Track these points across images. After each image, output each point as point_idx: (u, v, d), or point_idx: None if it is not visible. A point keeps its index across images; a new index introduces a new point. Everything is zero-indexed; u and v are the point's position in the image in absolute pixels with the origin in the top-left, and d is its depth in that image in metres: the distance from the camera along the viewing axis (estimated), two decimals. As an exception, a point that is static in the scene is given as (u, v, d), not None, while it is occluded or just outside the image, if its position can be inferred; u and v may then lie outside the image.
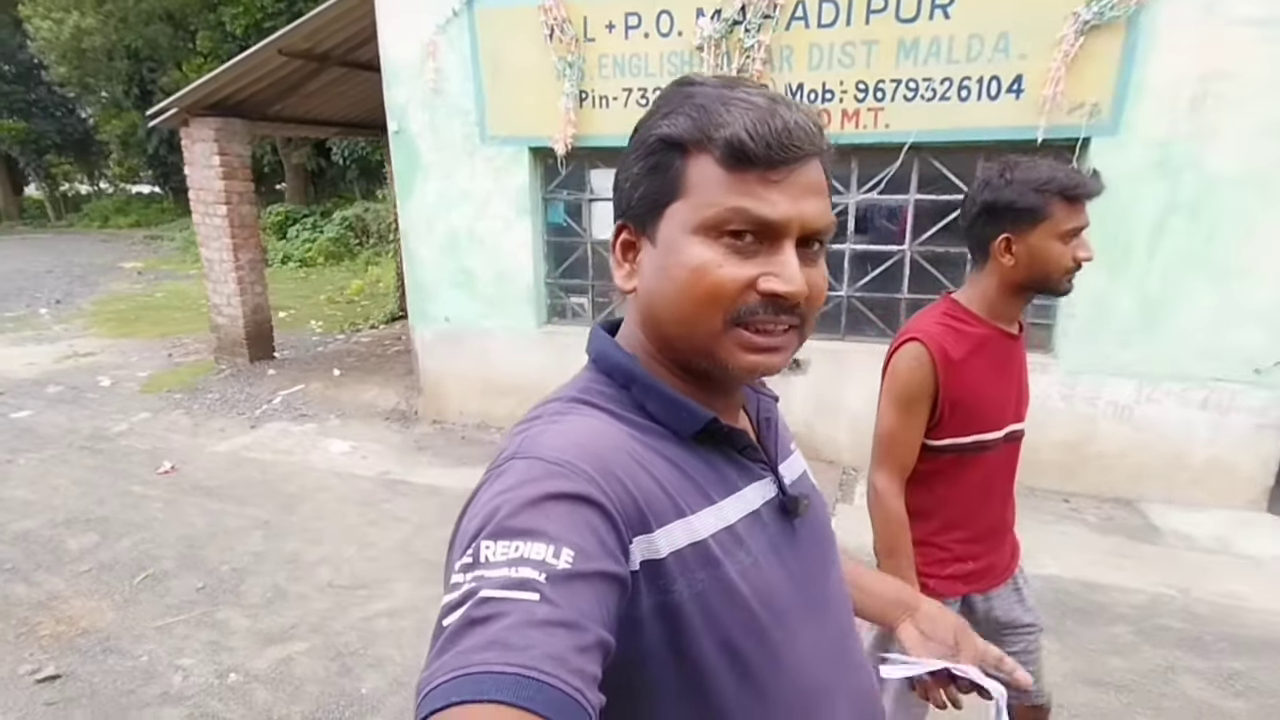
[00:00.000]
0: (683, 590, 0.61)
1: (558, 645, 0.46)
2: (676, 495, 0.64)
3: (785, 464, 0.80)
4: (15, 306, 9.63)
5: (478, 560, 0.51)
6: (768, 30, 3.90)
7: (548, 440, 0.61)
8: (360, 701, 2.50)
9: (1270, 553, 3.47)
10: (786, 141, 0.61)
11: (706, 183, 0.63)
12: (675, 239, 0.64)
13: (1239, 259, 3.55)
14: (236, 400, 5.78)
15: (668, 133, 0.64)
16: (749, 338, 0.65)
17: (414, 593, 3.18)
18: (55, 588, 3.21)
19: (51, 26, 13.59)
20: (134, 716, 2.43)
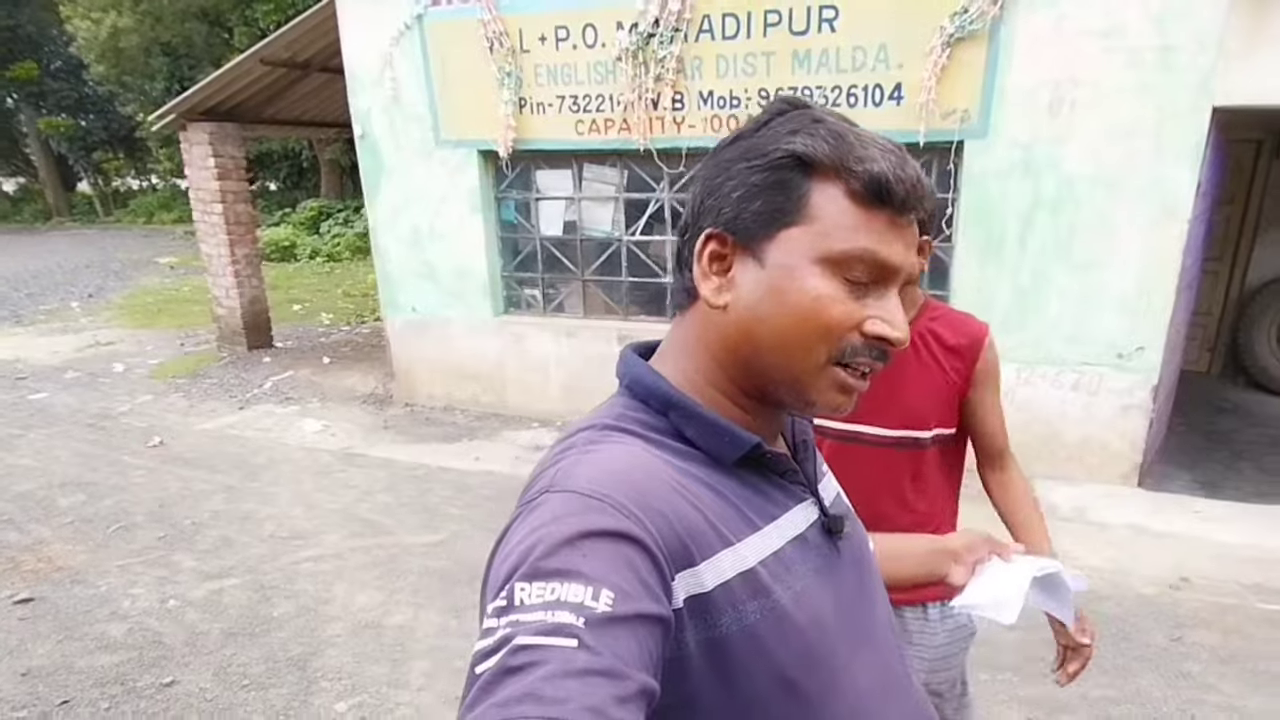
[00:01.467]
0: (731, 624, 0.59)
1: (596, 696, 0.44)
2: (720, 524, 0.62)
3: (822, 484, 0.79)
4: (50, 300, 10.33)
5: (512, 604, 0.49)
6: (678, 42, 4.29)
7: (583, 471, 0.58)
8: (270, 621, 3.05)
9: (1120, 520, 3.81)
10: (919, 192, 0.63)
11: (836, 214, 0.61)
12: (794, 265, 0.62)
13: (1098, 252, 3.86)
14: (231, 385, 6.38)
15: (804, 151, 0.61)
16: (844, 377, 0.64)
17: (341, 544, 3.71)
18: (41, 535, 3.81)
19: (90, 26, 14.42)
20: (85, 629, 3.00)
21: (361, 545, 3.70)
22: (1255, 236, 5.92)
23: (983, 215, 4.00)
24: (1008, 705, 2.59)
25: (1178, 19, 3.48)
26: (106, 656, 2.83)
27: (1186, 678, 2.72)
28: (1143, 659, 2.82)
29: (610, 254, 5.07)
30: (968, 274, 4.11)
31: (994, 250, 4.02)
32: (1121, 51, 3.60)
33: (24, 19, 19.90)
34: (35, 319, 9.22)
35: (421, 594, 3.25)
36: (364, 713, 2.55)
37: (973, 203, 4.02)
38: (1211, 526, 3.76)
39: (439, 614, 3.10)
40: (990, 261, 4.04)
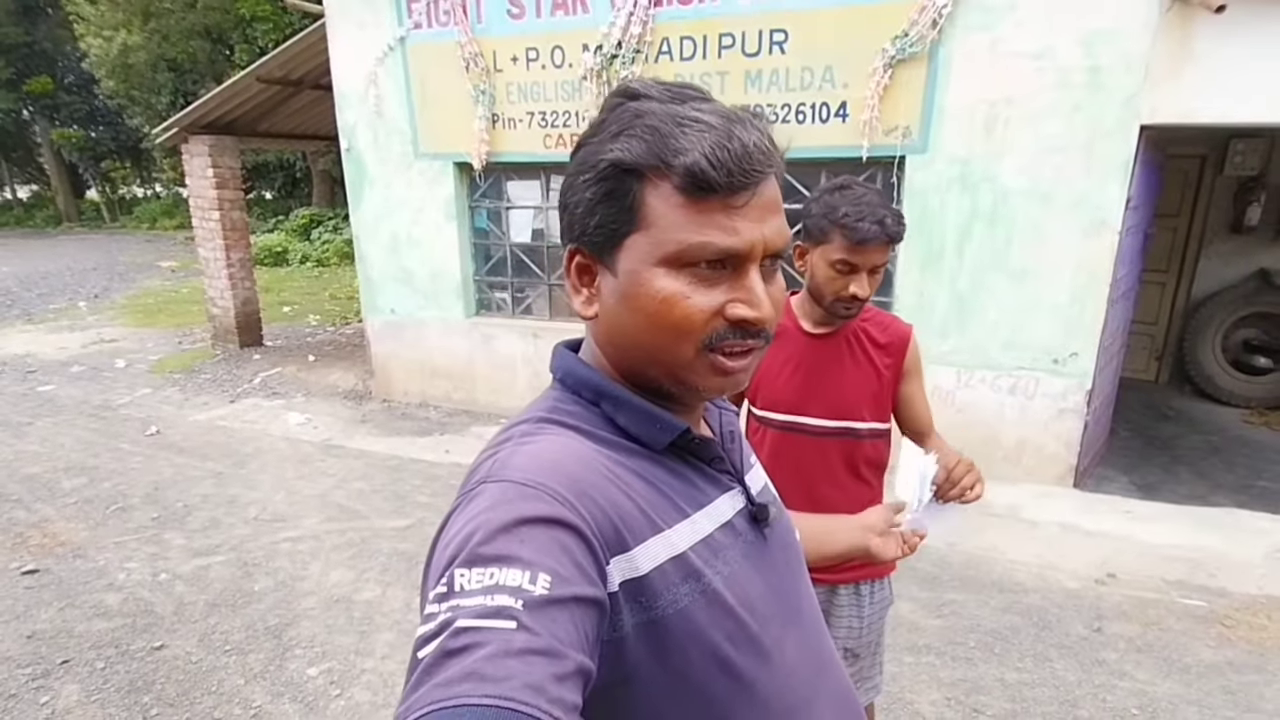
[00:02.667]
0: (665, 606, 0.61)
1: (536, 674, 0.46)
2: (652, 511, 0.64)
3: (749, 475, 0.81)
4: (59, 300, 10.76)
5: (452, 589, 0.50)
6: (639, 63, 4.53)
7: (518, 462, 0.60)
8: (250, 594, 3.29)
9: (1051, 519, 3.97)
10: (747, 166, 0.60)
11: (668, 214, 0.61)
12: (639, 271, 0.63)
13: (1033, 262, 4.05)
14: (223, 380, 6.65)
15: (621, 158, 0.62)
16: (721, 361, 0.65)
17: (318, 526, 3.94)
18: (46, 514, 4.07)
19: (102, 44, 14.97)
20: (84, 598, 3.25)
21: (336, 528, 3.93)
22: (1200, 249, 6.11)
23: (923, 226, 4.20)
24: (929, 686, 2.74)
25: (1105, 42, 3.68)
26: (103, 622, 3.08)
27: (1102, 665, 2.86)
28: (1061, 647, 2.96)
29: (578, 262, 5.29)
30: (909, 282, 4.31)
31: (934, 259, 4.22)
32: (1052, 72, 3.80)
33: (41, 36, 20.60)
34: (45, 317, 9.59)
35: (389, 573, 3.47)
36: (333, 677, 2.76)
37: (914, 215, 4.22)
38: (1141, 526, 3.91)
39: (404, 591, 3.32)
40: (931, 270, 4.24)
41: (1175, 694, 2.70)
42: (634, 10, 4.43)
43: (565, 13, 4.67)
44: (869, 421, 1.69)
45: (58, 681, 2.73)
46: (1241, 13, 3.40)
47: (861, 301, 1.57)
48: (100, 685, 2.71)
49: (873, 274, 1.55)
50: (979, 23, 3.86)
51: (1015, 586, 3.40)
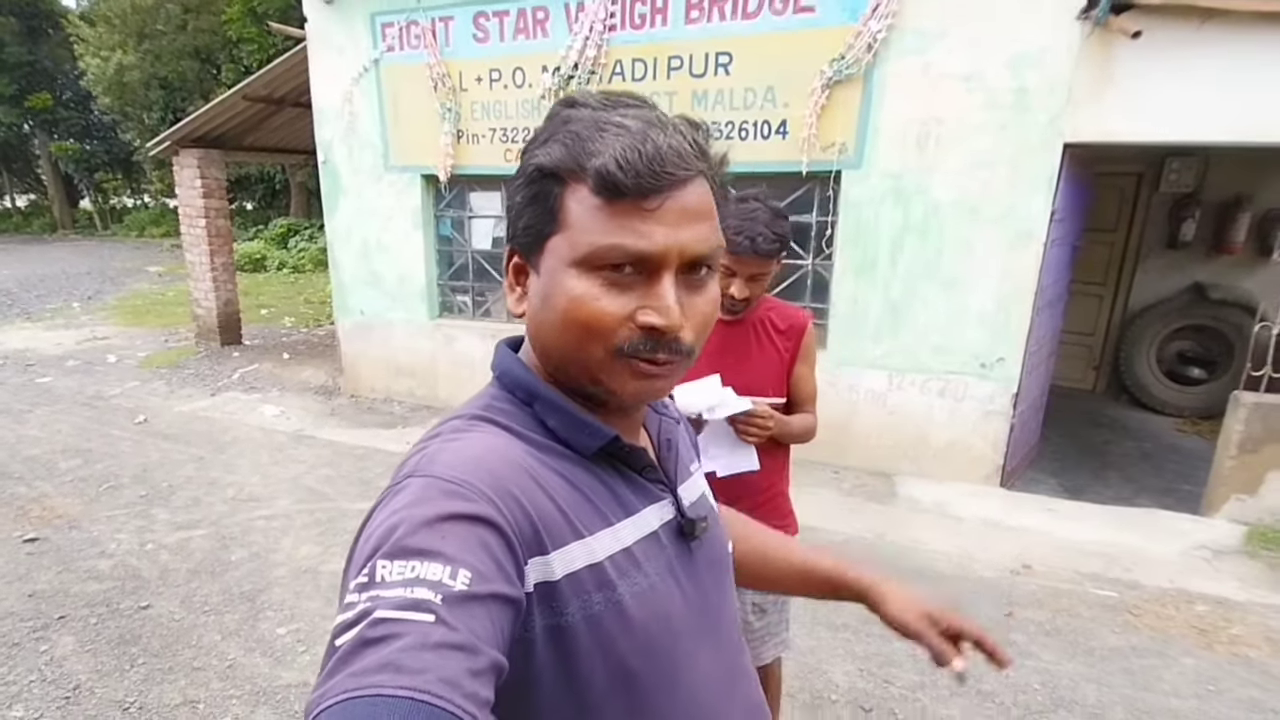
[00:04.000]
0: (575, 613, 0.61)
1: (452, 668, 0.46)
2: (574, 516, 0.64)
3: (685, 485, 0.80)
4: (55, 301, 11.10)
5: (373, 580, 0.50)
6: (594, 83, 4.78)
7: (445, 459, 0.60)
8: (228, 564, 3.54)
9: (975, 515, 4.17)
10: (658, 169, 0.60)
11: (582, 216, 0.62)
12: (555, 271, 0.64)
13: (962, 271, 4.28)
14: (205, 375, 6.91)
15: (542, 162, 0.63)
16: (637, 367, 0.65)
17: (290, 507, 4.18)
18: (45, 490, 4.34)
19: (99, 63, 15.41)
20: (78, 563, 3.51)
21: (306, 508, 4.15)
22: (1136, 263, 6.35)
23: (859, 237, 4.44)
24: (843, 658, 2.92)
25: (1030, 66, 3.92)
26: (95, 585, 3.33)
27: (1010, 645, 3.02)
28: (972, 630, 3.17)
29: (538, 270, 5.53)
30: (845, 289, 4.54)
31: (868, 268, 4.45)
32: (981, 93, 4.05)
33: (42, 55, 21.18)
34: (42, 316, 9.91)
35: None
36: (300, 636, 3.00)
37: (850, 226, 4.46)
38: (1063, 523, 4.09)
39: None
40: (865, 278, 4.47)
41: (1077, 673, 2.88)
42: (589, 34, 4.69)
43: (526, 37, 4.93)
44: (772, 396, 1.90)
45: (55, 634, 2.97)
46: (1158, 38, 3.65)
47: (741, 301, 1.80)
48: (93, 638, 2.95)
49: (751, 280, 1.77)
50: (912, 47, 4.11)
51: (935, 575, 3.59)
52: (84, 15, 17.35)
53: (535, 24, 4.90)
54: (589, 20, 4.69)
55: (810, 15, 4.24)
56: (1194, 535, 3.94)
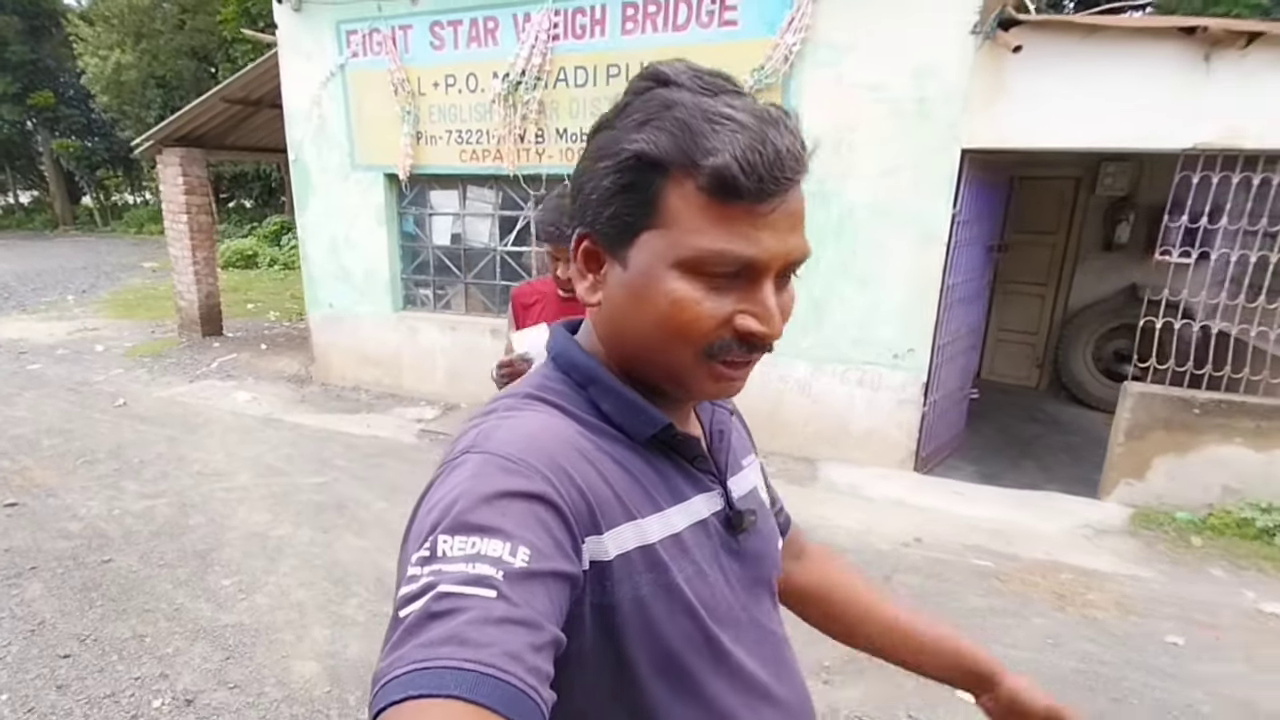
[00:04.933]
0: (626, 593, 0.61)
1: (515, 643, 0.47)
2: (626, 498, 0.64)
3: (736, 478, 0.80)
4: (50, 294, 11.48)
5: (435, 554, 0.51)
6: (540, 89, 5.11)
7: (502, 435, 0.60)
8: (186, 528, 3.90)
9: (884, 496, 4.48)
10: (779, 173, 0.58)
11: (689, 215, 0.59)
12: (652, 269, 0.61)
13: (875, 269, 4.59)
14: (185, 363, 7.27)
15: (646, 150, 0.59)
16: (720, 369, 0.64)
17: (249, 481, 4.52)
18: (27, 464, 4.70)
19: (98, 63, 15.78)
20: (51, 525, 3.89)
21: (264, 483, 4.50)
22: (1075, 265, 6.64)
23: (783, 236, 4.74)
24: None
25: (930, 77, 4.24)
26: (65, 542, 3.70)
27: None
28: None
29: (487, 261, 5.91)
30: (769, 285, 4.85)
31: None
32: (887, 103, 4.36)
33: (45, 53, 21.56)
34: (37, 308, 10.32)
35: (301, 517, 4.03)
36: (241, 586, 3.34)
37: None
38: (964, 504, 4.40)
39: (311, 530, 3.88)
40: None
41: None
42: (535, 44, 5.02)
43: (479, 45, 5.26)
44: None
45: (26, 581, 3.34)
46: (1046, 51, 3.97)
47: (563, 281, 2.20)
48: (59, 585, 3.31)
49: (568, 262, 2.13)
50: (825, 59, 4.43)
51: (833, 547, 3.91)
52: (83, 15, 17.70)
53: (486, 33, 5.23)
54: (535, 30, 5.01)
55: (733, 28, 4.56)
56: (1083, 515, 4.26)
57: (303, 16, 5.84)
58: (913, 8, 4.19)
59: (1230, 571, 3.63)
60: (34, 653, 2.83)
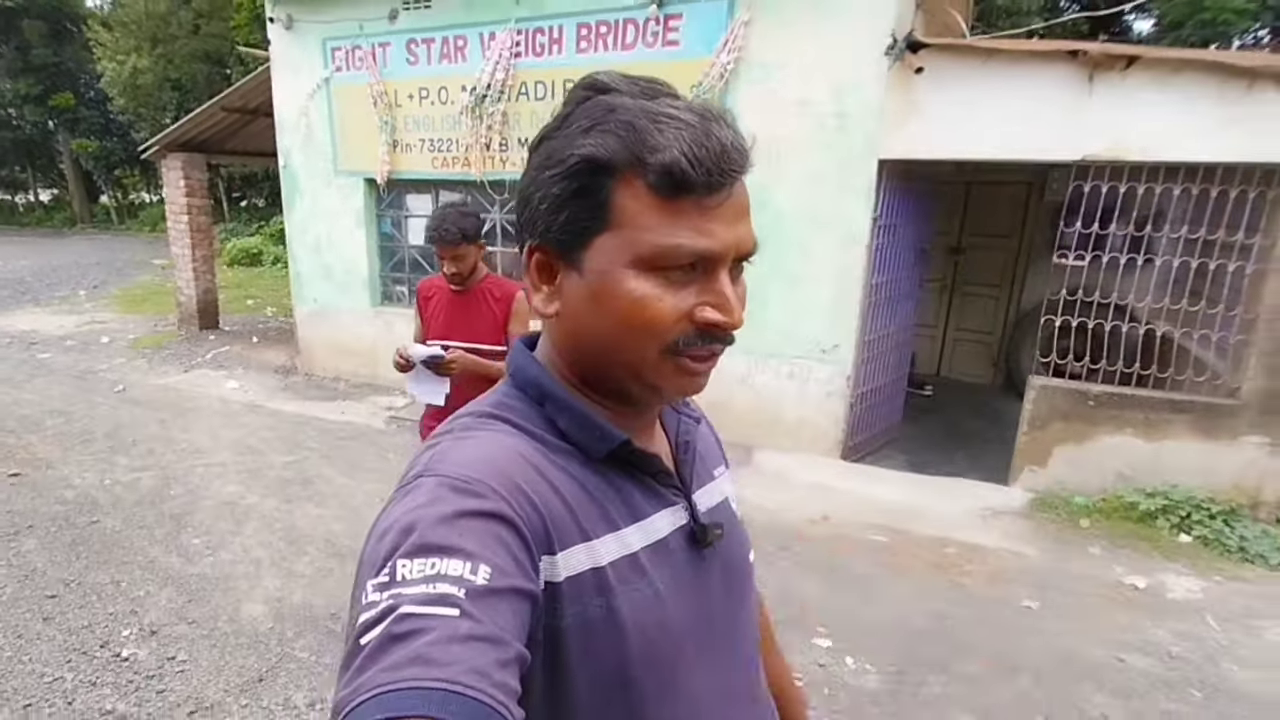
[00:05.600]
0: (573, 616, 0.61)
1: (480, 660, 0.47)
2: (582, 518, 0.63)
3: (704, 489, 0.79)
4: (63, 289, 12.09)
5: (394, 579, 0.50)
6: (504, 101, 5.54)
7: (455, 457, 0.61)
8: (166, 497, 4.35)
9: (806, 480, 4.84)
10: (725, 166, 0.59)
11: (640, 213, 0.60)
12: (609, 271, 0.62)
13: (803, 270, 4.97)
14: (182, 354, 7.79)
15: (594, 154, 0.60)
16: (686, 364, 0.64)
17: (228, 459, 4.96)
18: (31, 440, 5.18)
19: (115, 66, 16.43)
20: (49, 492, 4.36)
21: (240, 460, 4.95)
22: (1028, 266, 6.97)
23: (721, 239, 5.14)
24: None
25: (851, 93, 4.62)
26: (59, 507, 4.17)
27: (770, 567, 3.66)
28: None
29: (462, 263, 6.31)
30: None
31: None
32: (812, 116, 4.75)
33: (66, 56, 22.38)
34: (50, 303, 10.92)
35: (269, 489, 4.48)
36: (209, 544, 3.79)
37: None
38: (879, 488, 4.74)
39: (276, 501, 4.32)
40: (726, 275, 5.17)
41: (816, 589, 3.53)
42: (499, 61, 5.45)
43: (449, 61, 5.70)
44: (488, 344, 2.66)
45: (23, 538, 3.81)
46: (951, 71, 4.34)
47: (454, 275, 2.57)
48: (51, 541, 3.77)
49: (455, 260, 2.55)
50: (757, 77, 4.83)
51: (748, 524, 4.28)
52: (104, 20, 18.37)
53: (456, 50, 5.66)
54: (499, 48, 5.44)
55: (675, 48, 4.97)
56: (987, 499, 4.61)
57: (293, 34, 6.30)
58: (834, 30, 4.58)
59: (1107, 549, 3.98)
60: (25, 593, 3.28)
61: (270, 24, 6.38)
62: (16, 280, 12.82)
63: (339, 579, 3.47)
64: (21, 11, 22.16)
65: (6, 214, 28.52)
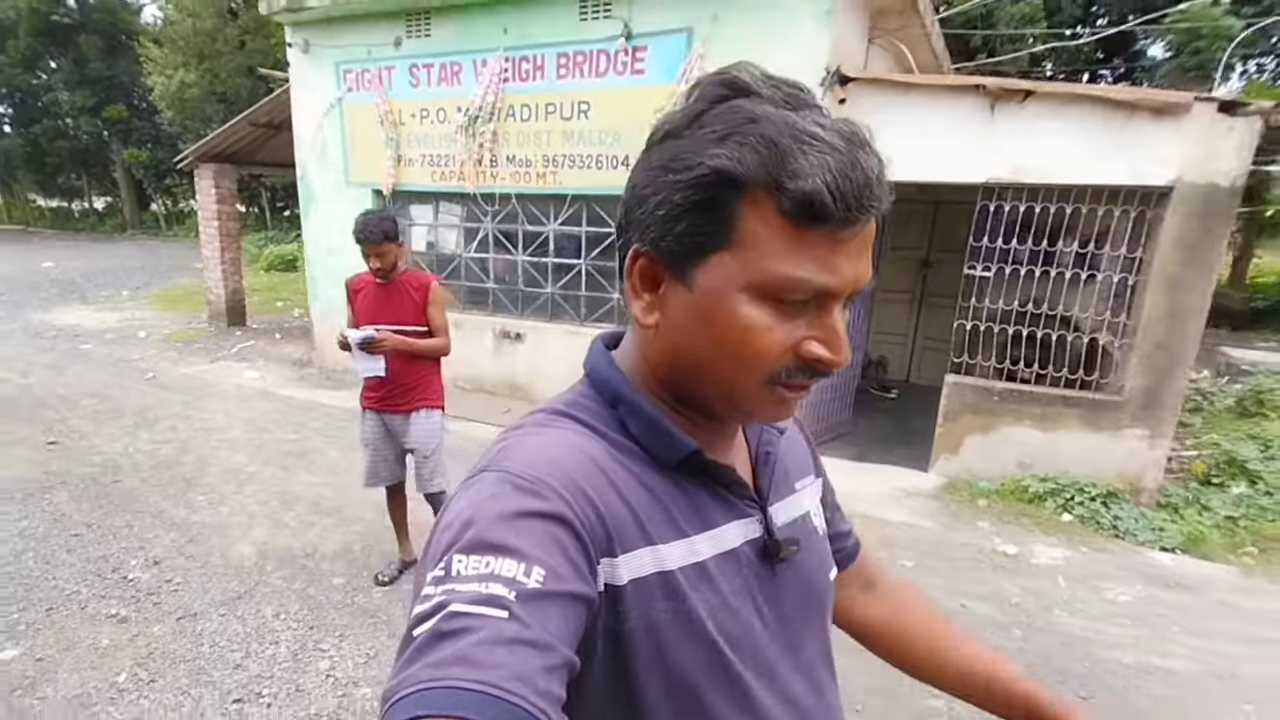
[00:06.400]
0: (638, 619, 0.60)
1: (524, 665, 0.47)
2: (647, 522, 0.63)
3: (782, 503, 0.77)
4: (109, 289, 13.14)
5: (449, 574, 0.51)
6: (494, 122, 6.18)
7: (521, 454, 0.60)
8: (179, 463, 5.02)
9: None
10: (866, 201, 0.56)
11: (766, 237, 0.57)
12: (722, 292, 0.59)
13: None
14: (210, 348, 8.57)
15: (728, 167, 0.56)
16: (783, 394, 0.62)
17: (238, 435, 5.63)
18: (68, 416, 5.93)
19: (164, 81, 17.58)
20: (80, 458, 5.03)
21: (249, 436, 5.62)
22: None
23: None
24: None
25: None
26: (87, 469, 4.85)
27: None
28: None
29: (454, 265, 6.98)
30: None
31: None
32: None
33: (120, 70, 23.84)
34: (95, 300, 11.92)
35: (270, 460, 5.13)
36: (211, 500, 4.43)
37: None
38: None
39: (274, 469, 4.96)
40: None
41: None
42: (490, 85, 6.10)
43: (446, 84, 6.37)
44: (411, 325, 3.25)
45: (56, 492, 4.48)
46: (872, 102, 4.88)
47: (379, 270, 3.16)
48: (79, 495, 4.44)
49: (378, 256, 3.12)
50: (712, 103, 5.39)
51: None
52: (154, 38, 19.61)
53: (452, 74, 6.33)
54: (490, 74, 6.09)
55: (641, 76, 5.57)
56: (904, 483, 5.09)
57: (310, 57, 7.04)
58: (776, 65, 5.01)
59: (994, 525, 4.44)
60: (54, 532, 3.94)
61: (289, 48, 7.14)
62: (67, 280, 13.91)
63: (319, 530, 4.09)
64: (79, 27, 23.72)
65: (64, 220, 30.38)
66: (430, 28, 6.37)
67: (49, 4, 23.00)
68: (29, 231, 27.91)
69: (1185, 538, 4.31)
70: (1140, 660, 3.15)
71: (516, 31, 5.97)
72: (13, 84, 25.17)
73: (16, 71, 24.50)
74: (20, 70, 24.57)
